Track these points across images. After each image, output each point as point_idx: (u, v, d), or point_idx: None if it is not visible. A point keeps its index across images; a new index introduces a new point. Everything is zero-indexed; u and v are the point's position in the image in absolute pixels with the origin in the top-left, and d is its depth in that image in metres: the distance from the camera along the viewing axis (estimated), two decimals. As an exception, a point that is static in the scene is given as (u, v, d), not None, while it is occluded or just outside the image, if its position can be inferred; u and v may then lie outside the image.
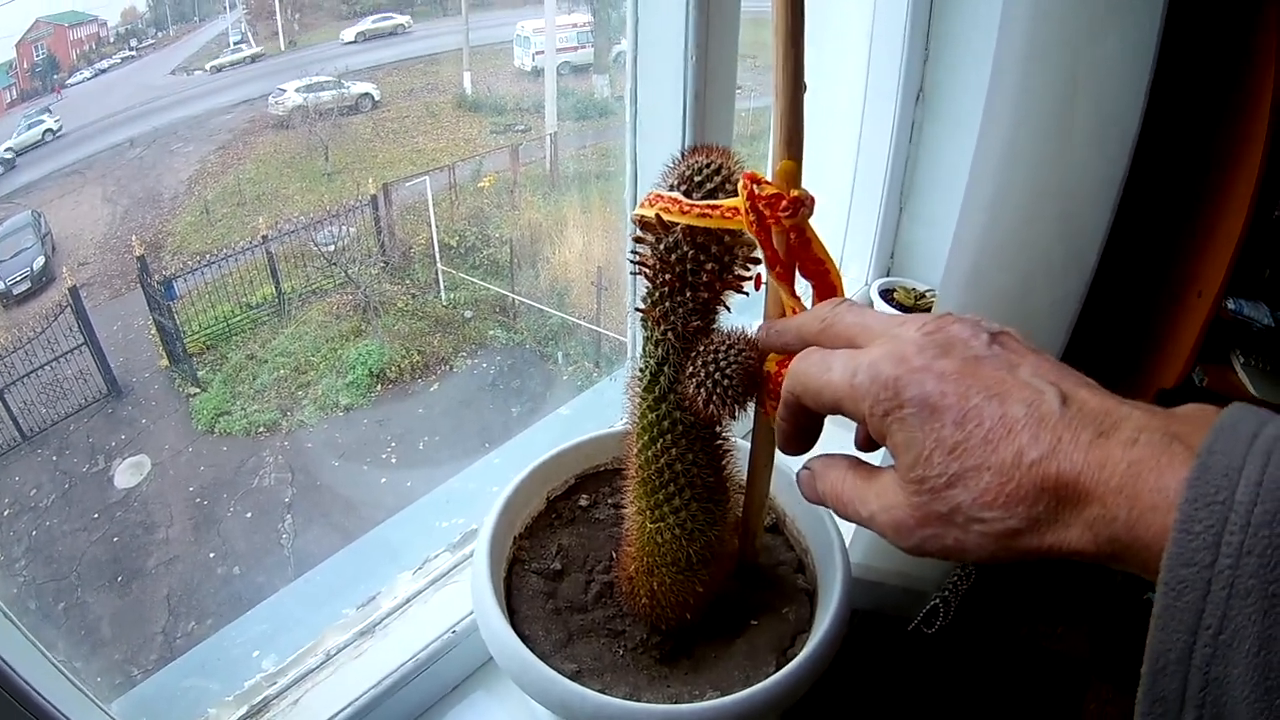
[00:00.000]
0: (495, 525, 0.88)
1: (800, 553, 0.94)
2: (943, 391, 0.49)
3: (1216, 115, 1.25)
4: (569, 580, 0.90)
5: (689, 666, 0.83)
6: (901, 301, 1.74)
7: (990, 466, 0.46)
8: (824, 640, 0.78)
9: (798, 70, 0.62)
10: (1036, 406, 0.47)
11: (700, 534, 0.77)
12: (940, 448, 0.48)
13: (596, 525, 0.96)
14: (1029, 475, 0.45)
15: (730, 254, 0.67)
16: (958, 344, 0.51)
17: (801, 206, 0.62)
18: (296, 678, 1.03)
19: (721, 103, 1.11)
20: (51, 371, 4.36)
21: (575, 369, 5.22)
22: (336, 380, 4.77)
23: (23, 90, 4.70)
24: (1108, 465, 0.43)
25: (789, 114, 0.63)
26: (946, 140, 1.71)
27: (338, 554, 1.30)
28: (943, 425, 0.48)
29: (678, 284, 0.67)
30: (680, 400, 0.70)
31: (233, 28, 6.00)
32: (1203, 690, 0.39)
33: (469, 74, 6.54)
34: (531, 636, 0.83)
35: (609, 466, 1.01)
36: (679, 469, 0.73)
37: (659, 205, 0.65)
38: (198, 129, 5.62)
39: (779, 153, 0.64)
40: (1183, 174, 1.30)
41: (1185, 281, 1.40)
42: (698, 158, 0.66)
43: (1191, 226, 1.35)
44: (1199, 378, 1.52)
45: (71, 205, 4.92)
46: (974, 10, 1.58)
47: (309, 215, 5.31)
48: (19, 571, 3.81)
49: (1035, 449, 0.45)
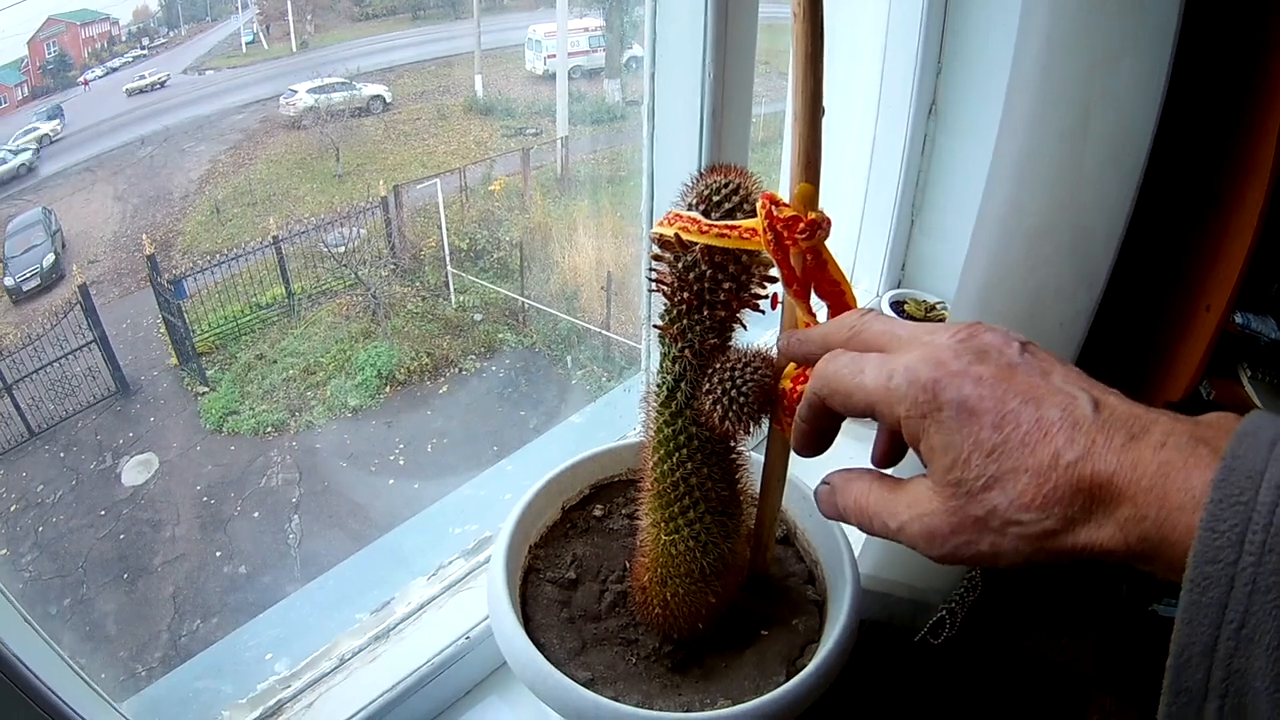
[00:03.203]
0: (511, 534, 0.89)
1: (810, 564, 0.94)
2: (980, 395, 0.49)
3: (1226, 133, 1.26)
4: (583, 589, 0.91)
5: (700, 675, 0.84)
6: (912, 314, 1.75)
7: (1028, 468, 0.47)
8: (833, 652, 0.79)
9: (817, 94, 0.63)
10: (1071, 410, 0.48)
11: (714, 546, 0.78)
12: (979, 450, 0.49)
13: (610, 535, 0.97)
14: (1065, 476, 0.46)
15: (747, 273, 0.68)
16: (991, 350, 0.52)
17: (819, 229, 0.63)
18: (310, 681, 1.04)
19: (738, 119, 1.12)
20: (60, 368, 4.37)
21: (584, 373, 5.22)
22: (345, 381, 4.78)
23: (34, 87, 4.71)
24: (1139, 466, 0.45)
25: (807, 138, 0.64)
26: (959, 154, 1.72)
27: (350, 559, 1.31)
28: (981, 428, 0.49)
29: (695, 302, 0.68)
30: (696, 416, 0.71)
31: (245, 28, 6.01)
32: (1225, 681, 0.41)
33: (480, 77, 6.55)
34: (546, 644, 0.84)
35: (623, 477, 1.01)
36: (694, 482, 0.74)
37: (678, 224, 0.66)
38: (209, 128, 5.63)
39: (797, 175, 0.65)
40: (1192, 190, 1.30)
41: (1194, 295, 1.41)
42: (716, 177, 0.67)
43: (1200, 241, 1.36)
44: (1206, 391, 1.52)
45: (82, 202, 4.92)
46: (987, 26, 1.59)
47: (319, 216, 5.33)
48: (25, 566, 3.82)
49: (1071, 451, 0.46)
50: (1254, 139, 1.22)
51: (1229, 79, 1.21)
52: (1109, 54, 0.82)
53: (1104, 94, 0.83)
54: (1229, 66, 1.20)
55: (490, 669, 1.12)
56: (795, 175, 0.65)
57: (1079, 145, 0.84)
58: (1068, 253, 0.90)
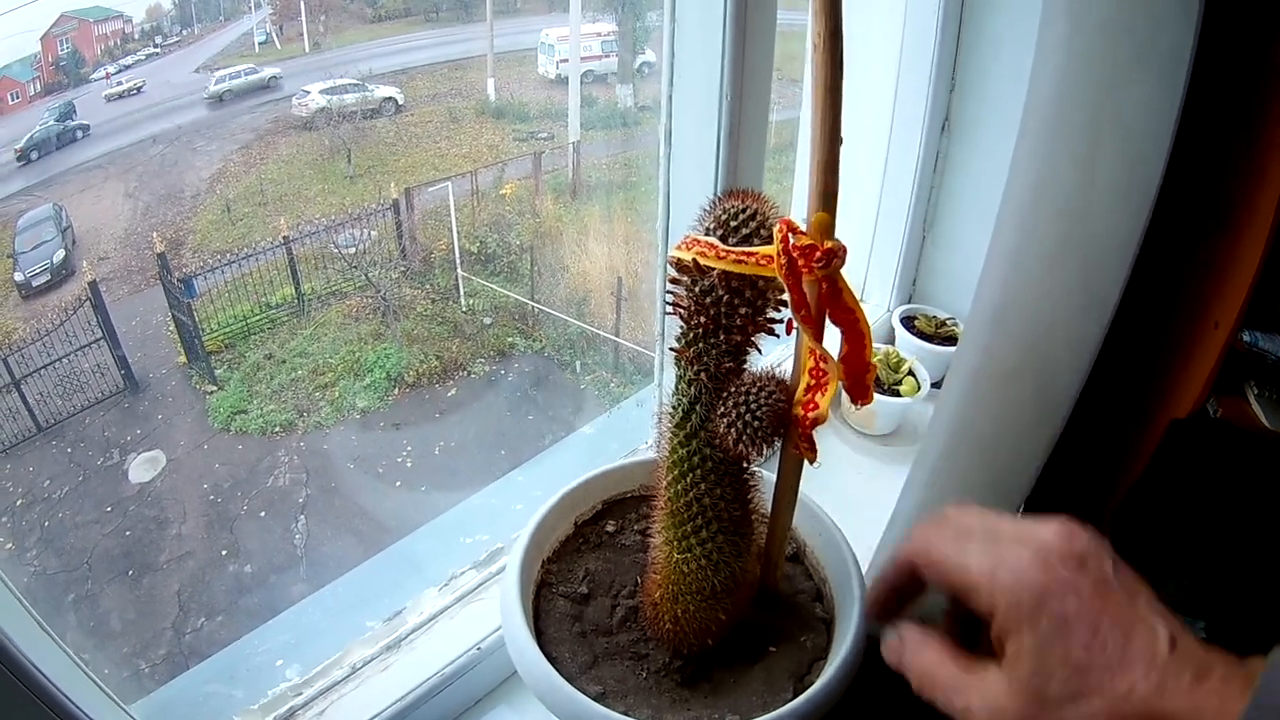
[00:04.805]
0: (525, 549, 0.89)
1: (819, 582, 0.95)
2: (1080, 612, 0.51)
3: (1236, 149, 1.26)
4: (595, 604, 0.92)
5: (709, 690, 0.85)
6: (923, 329, 1.75)
7: (1106, 693, 0.50)
8: (840, 669, 0.79)
9: (835, 125, 0.64)
10: (1151, 644, 0.50)
11: (725, 565, 0.78)
12: (1066, 665, 0.51)
13: (623, 551, 0.98)
14: (1136, 708, 0.49)
15: (763, 298, 0.69)
16: (1090, 559, 0.54)
17: (834, 258, 0.64)
18: (322, 689, 1.05)
19: (754, 141, 1.13)
20: (69, 364, 4.39)
21: (593, 379, 5.23)
22: (354, 383, 4.79)
23: (46, 83, 4.73)
24: (1199, 707, 0.47)
25: (825, 168, 0.65)
26: (971, 169, 1.73)
27: (361, 566, 1.32)
28: (1073, 645, 0.51)
29: (711, 326, 0.69)
30: (711, 438, 0.71)
31: (258, 27, 6.03)
32: None
33: (493, 80, 6.57)
34: (558, 658, 0.84)
35: (636, 493, 1.02)
36: (707, 503, 0.75)
37: (695, 249, 0.67)
38: (220, 128, 5.65)
39: (814, 205, 0.65)
40: (1201, 206, 1.31)
41: (1201, 313, 1.41)
42: (733, 202, 0.68)
43: (1208, 258, 1.36)
44: (1213, 409, 1.52)
45: (93, 200, 4.95)
46: (1000, 41, 1.60)
47: (330, 217, 5.34)
48: (30, 561, 3.83)
49: (1145, 685, 0.49)
50: (1264, 155, 1.23)
51: (1240, 94, 1.21)
52: (1120, 81, 0.83)
53: (1115, 123, 0.84)
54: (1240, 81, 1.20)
55: (500, 679, 1.13)
56: (813, 205, 0.65)
57: (1090, 175, 0.85)
58: (1077, 282, 0.91)
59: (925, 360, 1.66)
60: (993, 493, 0.99)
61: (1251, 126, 1.20)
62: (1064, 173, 0.86)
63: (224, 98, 5.62)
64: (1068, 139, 0.85)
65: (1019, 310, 0.91)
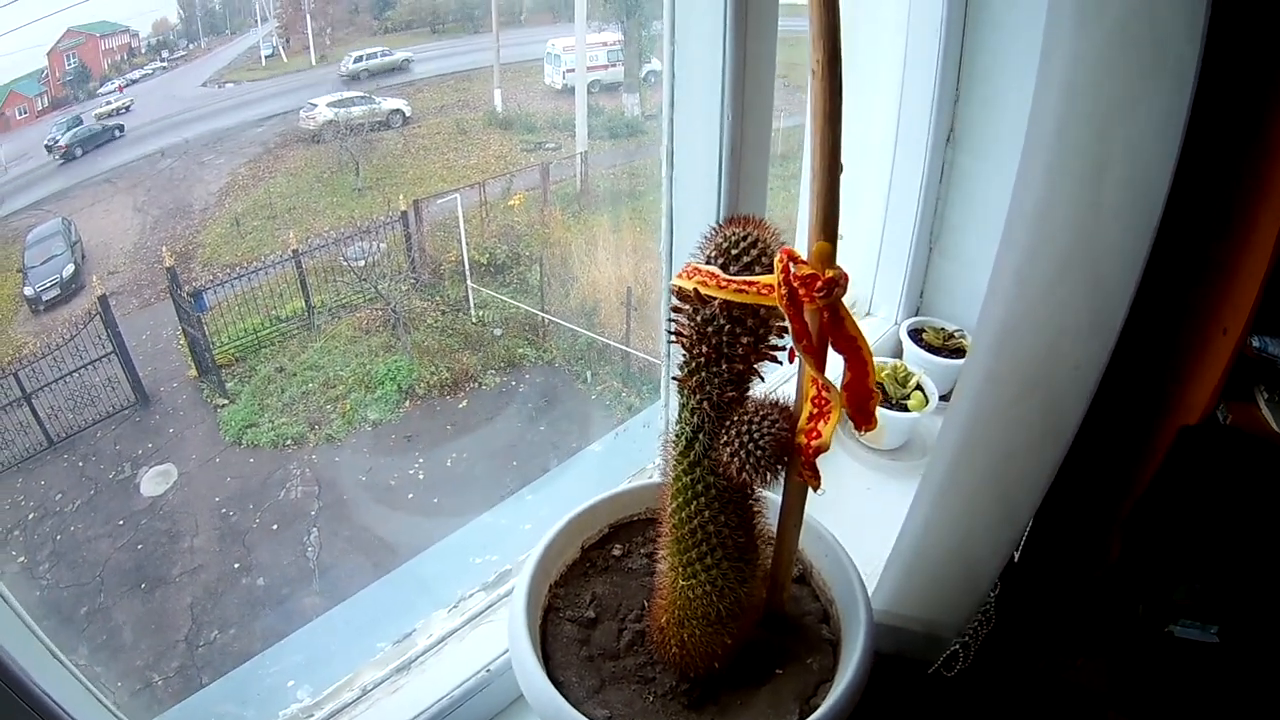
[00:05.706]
0: (533, 574, 0.90)
1: (825, 603, 0.95)
2: None
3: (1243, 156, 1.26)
4: (602, 628, 0.92)
5: (716, 713, 0.85)
6: (931, 342, 1.75)
7: None
8: (845, 693, 0.80)
9: (835, 152, 0.64)
10: None
11: (730, 591, 0.79)
12: None
13: (629, 574, 0.98)
14: None
15: (765, 326, 0.69)
16: None
17: (836, 287, 0.64)
18: (333, 711, 1.05)
19: (756, 162, 1.13)
20: (79, 379, 4.40)
21: (604, 389, 5.22)
22: (365, 395, 4.79)
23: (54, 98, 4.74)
24: None
25: (825, 196, 0.65)
26: (978, 179, 1.72)
27: (371, 587, 1.32)
28: None
29: (713, 355, 0.69)
30: (714, 466, 0.72)
31: (264, 41, 6.04)
32: None
33: (499, 91, 6.57)
34: (566, 683, 0.85)
35: (642, 516, 1.02)
36: (711, 530, 0.75)
37: (697, 279, 0.67)
38: (228, 141, 5.66)
39: (815, 234, 0.65)
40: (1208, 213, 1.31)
41: (1210, 319, 1.41)
42: (734, 229, 0.68)
43: (1217, 265, 1.36)
44: (1223, 415, 1.52)
45: (102, 214, 4.95)
46: (1004, 54, 1.59)
47: (339, 230, 5.34)
48: (43, 575, 3.84)
49: None
50: (1270, 162, 1.23)
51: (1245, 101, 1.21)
52: (1127, 98, 0.83)
53: (1122, 142, 0.84)
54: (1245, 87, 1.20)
55: (509, 700, 1.13)
56: (813, 233, 0.65)
57: (1096, 194, 0.85)
58: (1084, 300, 0.91)
59: (933, 373, 1.66)
60: (1000, 510, 0.99)
61: (1257, 135, 1.20)
62: (1070, 192, 0.86)
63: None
64: (1074, 158, 0.85)
65: (1025, 330, 0.92)
